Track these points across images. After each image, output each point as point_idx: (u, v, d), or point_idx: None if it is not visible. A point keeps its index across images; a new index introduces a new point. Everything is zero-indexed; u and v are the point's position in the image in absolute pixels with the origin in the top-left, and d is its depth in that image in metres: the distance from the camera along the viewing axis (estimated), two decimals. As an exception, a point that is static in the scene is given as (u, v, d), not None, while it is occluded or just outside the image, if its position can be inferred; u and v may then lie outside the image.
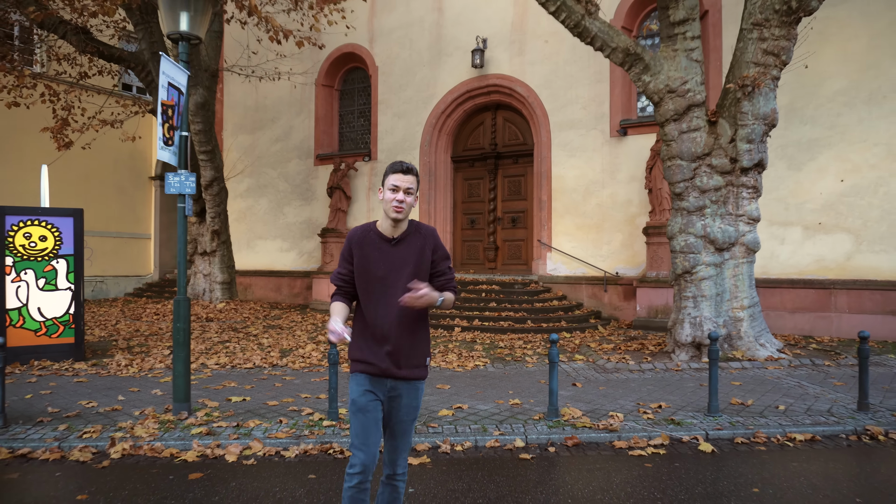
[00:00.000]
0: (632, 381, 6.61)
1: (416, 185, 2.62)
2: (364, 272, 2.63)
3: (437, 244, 2.72)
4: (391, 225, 2.63)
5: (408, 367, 2.63)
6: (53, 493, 3.68)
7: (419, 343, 2.67)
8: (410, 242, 2.66)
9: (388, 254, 2.63)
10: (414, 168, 2.65)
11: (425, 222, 10.70)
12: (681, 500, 3.57)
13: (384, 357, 2.59)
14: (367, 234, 2.67)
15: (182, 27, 5.20)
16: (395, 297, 2.56)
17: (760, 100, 7.41)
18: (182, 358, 5.22)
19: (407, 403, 2.65)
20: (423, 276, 2.64)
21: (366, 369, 2.61)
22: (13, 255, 7.31)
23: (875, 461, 4.31)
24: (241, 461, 4.26)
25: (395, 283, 2.60)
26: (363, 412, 2.58)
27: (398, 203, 2.56)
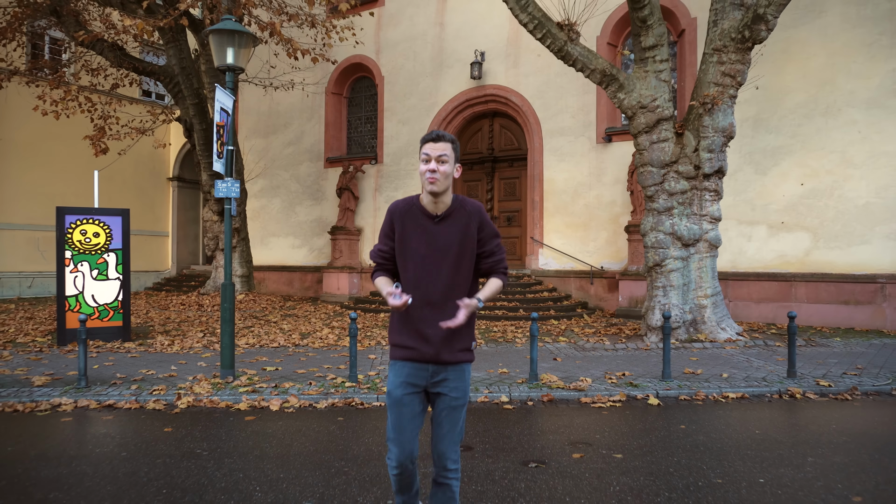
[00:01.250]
0: (605, 358, 7.73)
1: (451, 153, 2.45)
2: (405, 249, 2.49)
3: (483, 220, 2.53)
4: (431, 200, 2.47)
5: (452, 350, 2.46)
6: (145, 427, 4.81)
7: (464, 326, 2.44)
8: (455, 220, 2.48)
9: (431, 232, 2.47)
10: (446, 135, 2.46)
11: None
12: (623, 432, 4.69)
13: (427, 341, 2.44)
14: (410, 208, 2.51)
15: (228, 60, 6.33)
16: (437, 279, 2.44)
17: (719, 115, 8.52)
18: (228, 332, 6.35)
19: (455, 387, 2.47)
20: (469, 257, 2.49)
21: (407, 355, 2.47)
22: (71, 249, 8.45)
23: (783, 410, 5.43)
24: (283, 410, 5.39)
25: (437, 264, 2.45)
26: (398, 406, 2.45)
27: (431, 174, 2.40)
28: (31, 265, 16.34)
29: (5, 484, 3.56)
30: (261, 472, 3.74)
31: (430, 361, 2.45)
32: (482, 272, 2.56)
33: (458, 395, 2.48)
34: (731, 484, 3.52)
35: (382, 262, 2.56)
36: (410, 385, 2.46)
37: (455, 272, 2.47)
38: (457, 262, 2.45)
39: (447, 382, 2.46)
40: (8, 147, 15.50)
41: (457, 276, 2.47)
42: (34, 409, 5.36)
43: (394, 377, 2.49)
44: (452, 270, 2.45)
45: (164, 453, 4.10)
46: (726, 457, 4.02)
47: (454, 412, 2.47)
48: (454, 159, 2.47)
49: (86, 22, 11.31)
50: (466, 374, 2.52)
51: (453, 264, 2.45)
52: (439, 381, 2.46)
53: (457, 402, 2.47)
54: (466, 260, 2.47)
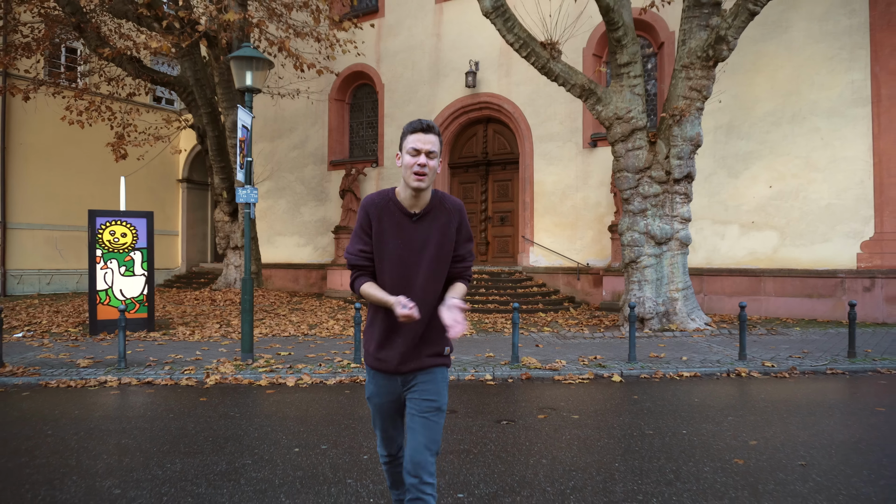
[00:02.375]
0: (582, 345, 8.63)
1: (439, 148, 2.25)
2: (379, 248, 2.29)
3: (462, 221, 2.37)
4: (412, 195, 2.27)
5: (421, 357, 2.32)
6: (182, 398, 5.71)
7: (439, 331, 2.31)
8: (434, 218, 2.30)
9: (408, 231, 2.28)
10: (435, 126, 2.27)
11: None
12: (584, 401, 5.59)
13: (396, 352, 2.30)
14: (387, 204, 2.31)
15: (248, 83, 7.23)
16: (413, 282, 2.26)
17: (687, 126, 9.41)
18: (248, 321, 7.26)
19: (425, 389, 2.31)
20: (446, 259, 2.32)
21: (376, 365, 2.35)
22: (102, 248, 9.36)
23: (726, 385, 6.32)
24: (298, 385, 6.30)
25: (413, 265, 2.27)
26: (380, 411, 2.42)
27: (419, 168, 2.19)
28: (50, 263, 17.27)
29: (84, 434, 4.47)
30: (284, 427, 4.64)
31: (398, 373, 2.32)
32: (449, 276, 2.37)
33: (431, 396, 2.30)
34: (658, 434, 4.42)
35: (366, 263, 2.31)
36: (386, 393, 2.37)
37: (432, 275, 2.29)
38: (434, 265, 2.28)
39: (417, 386, 2.32)
40: (28, 151, 16.43)
41: (433, 280, 2.30)
42: (85, 385, 6.27)
43: (370, 383, 2.41)
44: (430, 273, 2.28)
45: (204, 415, 5.01)
46: (662, 417, 4.92)
47: (430, 415, 2.28)
48: (440, 153, 2.26)
49: (107, 37, 12.20)
50: (439, 377, 2.34)
51: (431, 267, 2.27)
52: (410, 386, 2.33)
53: (431, 405, 2.29)
54: (444, 262, 2.31)
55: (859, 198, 10.94)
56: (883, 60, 10.76)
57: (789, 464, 3.75)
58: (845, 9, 11.08)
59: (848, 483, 3.42)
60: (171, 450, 4.07)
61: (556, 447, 4.14)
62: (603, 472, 3.62)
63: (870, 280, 10.78)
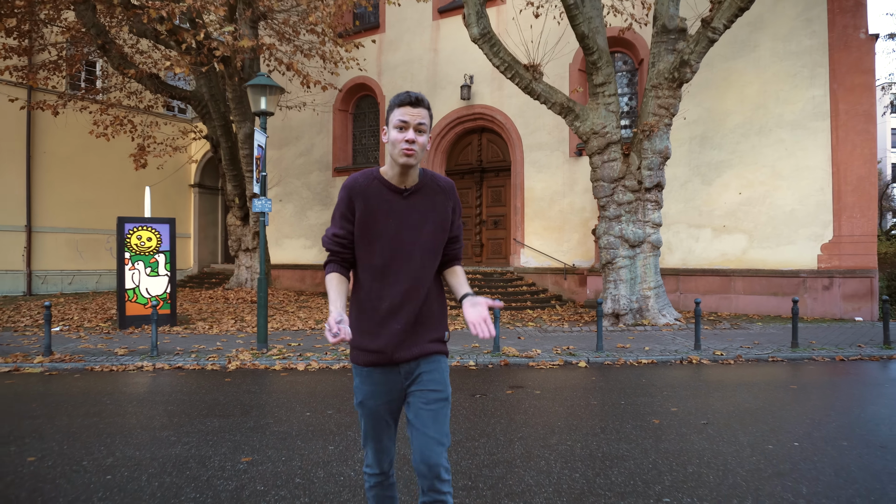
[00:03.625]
0: (560, 337, 9.65)
1: (428, 121, 2.11)
2: (368, 230, 2.12)
3: (457, 202, 2.25)
4: (399, 173, 2.13)
5: (422, 342, 2.16)
6: (210, 379, 6.75)
7: (437, 315, 2.22)
8: (427, 195, 2.17)
9: (400, 207, 2.13)
10: (425, 99, 2.12)
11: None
12: (549, 381, 6.60)
13: (394, 338, 2.12)
14: (371, 183, 2.14)
15: (262, 107, 8.28)
16: (409, 262, 2.11)
17: (657, 140, 10.41)
18: (263, 315, 8.31)
19: (430, 379, 2.15)
20: (442, 238, 2.19)
21: (371, 360, 2.14)
22: (130, 251, 10.43)
23: (674, 369, 7.32)
24: (307, 369, 7.33)
25: (410, 243, 2.12)
26: (374, 415, 2.19)
27: (408, 145, 2.05)
28: (71, 264, 18.38)
29: (136, 403, 5.51)
30: (297, 399, 5.68)
31: (401, 362, 2.13)
32: (444, 259, 2.25)
33: (437, 386, 2.15)
34: (600, 404, 5.44)
35: (339, 249, 2.16)
36: (384, 393, 2.16)
37: (429, 254, 2.15)
38: (431, 244, 2.14)
39: (422, 376, 2.15)
40: (51, 160, 17.54)
41: (430, 261, 2.16)
42: (125, 370, 7.33)
43: (361, 385, 2.17)
44: (427, 252, 2.13)
45: (230, 391, 6.05)
46: (609, 393, 5.94)
47: (437, 407, 2.13)
48: (429, 129, 2.12)
49: (130, 57, 13.27)
50: (443, 366, 2.20)
51: (428, 245, 2.13)
52: (414, 378, 2.16)
53: (437, 395, 2.13)
54: (440, 241, 2.17)
55: (819, 204, 11.92)
56: (840, 78, 11.74)
57: (695, 422, 4.77)
58: (807, 30, 12.06)
59: (732, 434, 4.42)
60: (209, 413, 5.11)
61: (514, 412, 5.16)
62: (546, 429, 4.64)
63: (829, 279, 11.76)
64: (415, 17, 16.59)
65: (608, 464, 3.80)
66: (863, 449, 4.07)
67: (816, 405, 5.36)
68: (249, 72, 13.08)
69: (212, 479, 3.53)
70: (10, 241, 16.96)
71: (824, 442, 4.22)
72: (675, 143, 12.96)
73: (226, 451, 4.07)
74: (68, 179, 17.96)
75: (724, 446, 4.15)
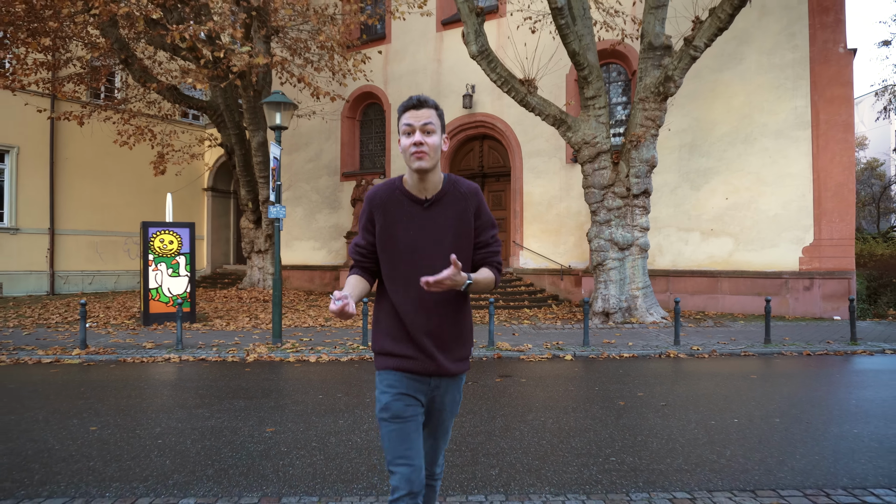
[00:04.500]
0: (552, 334, 10.37)
1: (437, 121, 2.08)
2: (390, 242, 2.12)
3: (480, 206, 2.19)
4: (418, 180, 2.10)
5: (453, 360, 2.14)
6: (232, 370, 7.53)
7: (464, 330, 2.20)
8: (448, 204, 2.13)
9: (421, 219, 2.11)
10: (430, 100, 2.09)
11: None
12: (535, 371, 7.33)
13: (424, 350, 2.10)
14: (392, 194, 2.14)
15: (277, 122, 9.06)
16: (427, 274, 2.01)
17: (644, 150, 11.12)
18: (278, 312, 9.08)
19: (451, 400, 2.21)
20: (466, 247, 2.14)
21: (402, 365, 2.10)
22: (153, 253, 11.24)
23: (651, 362, 8.02)
24: (318, 361, 8.10)
25: (430, 256, 2.09)
26: (399, 420, 2.08)
27: (416, 148, 2.03)
28: (91, 265, 19.26)
29: (170, 387, 6.30)
30: (311, 385, 6.44)
31: (433, 374, 2.12)
32: (473, 264, 2.20)
33: (454, 407, 2.24)
34: (576, 389, 6.17)
35: (360, 259, 2.22)
36: (409, 396, 2.11)
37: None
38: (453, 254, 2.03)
39: (445, 397, 2.19)
40: (72, 165, 18.43)
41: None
42: (154, 361, 8.12)
43: (387, 388, 2.11)
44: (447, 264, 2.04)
45: (251, 378, 6.82)
46: (587, 381, 6.67)
47: (447, 423, 2.25)
48: (441, 129, 2.11)
49: (151, 70, 14.10)
50: (461, 384, 2.27)
51: (448, 257, 2.07)
52: (437, 394, 2.18)
53: (451, 415, 2.25)
54: (462, 251, 2.13)
55: (801, 209, 12.59)
56: (821, 90, 12.41)
57: (655, 404, 5.49)
58: (789, 44, 12.74)
59: (684, 413, 5.13)
60: (234, 396, 5.88)
61: (500, 396, 5.90)
62: (524, 408, 5.37)
63: (809, 280, 12.43)
64: (419, 29, 17.35)
65: (572, 434, 4.54)
66: (791, 424, 4.79)
67: (767, 391, 6.07)
68: (263, 83, 13.88)
69: (244, 443, 4.30)
70: (35, 243, 17.85)
71: (760, 419, 4.94)
72: (666, 150, 13.66)
73: (253, 423, 4.84)
74: (88, 184, 18.85)
75: (673, 422, 4.88)
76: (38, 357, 8.15)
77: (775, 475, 3.64)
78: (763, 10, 12.98)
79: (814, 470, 3.73)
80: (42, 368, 7.53)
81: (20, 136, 17.31)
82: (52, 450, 4.17)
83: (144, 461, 3.93)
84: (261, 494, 3.34)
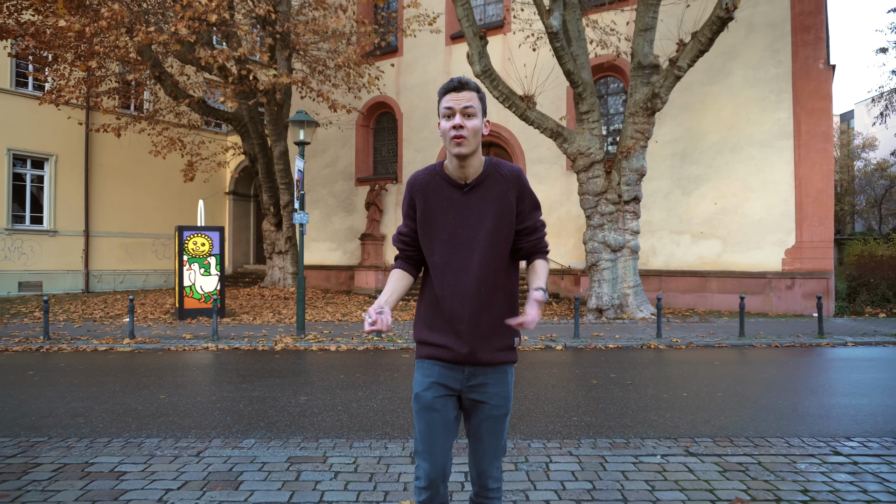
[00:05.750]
0: (549, 328, 11.40)
1: (479, 104, 2.00)
2: (429, 227, 2.08)
3: (522, 189, 2.10)
4: (458, 165, 2.02)
5: (491, 349, 2.06)
6: (263, 356, 8.64)
7: (507, 317, 2.09)
8: (488, 188, 2.04)
9: (460, 204, 2.04)
10: (471, 82, 2.01)
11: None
12: (528, 358, 8.38)
13: (459, 338, 2.03)
14: (433, 179, 2.09)
15: (301, 138, 10.19)
16: (469, 262, 2.01)
17: (634, 160, 12.12)
18: (301, 307, 10.21)
19: (495, 393, 2.07)
20: (506, 233, 2.06)
21: (435, 353, 2.07)
22: (188, 255, 12.42)
23: (634, 353, 9.04)
24: (338, 350, 9.21)
25: (469, 242, 2.02)
26: (429, 410, 2.05)
27: (456, 131, 1.95)
28: (123, 265, 20.56)
29: (214, 370, 7.43)
30: (332, 368, 7.54)
31: (466, 363, 2.05)
32: (522, 253, 2.15)
33: (500, 402, 2.10)
34: (559, 372, 7.22)
35: (403, 247, 2.19)
36: (442, 387, 2.06)
37: (490, 252, 2.04)
38: (492, 240, 2.03)
39: (486, 388, 2.08)
40: (105, 171, 19.73)
41: (492, 258, 2.05)
42: (194, 349, 9.27)
43: (422, 377, 2.10)
44: (487, 250, 2.02)
45: (281, 362, 7.94)
46: (570, 365, 7.71)
47: (496, 423, 2.10)
48: (482, 112, 2.03)
49: (182, 85, 15.33)
50: (510, 378, 2.14)
51: (488, 243, 2.02)
52: (476, 385, 2.07)
53: (499, 412, 2.09)
54: (503, 237, 2.05)
55: (784, 213, 13.52)
56: (802, 102, 13.33)
57: (622, 383, 6.53)
58: (773, 60, 13.67)
59: (644, 389, 6.16)
60: (270, 375, 7.00)
61: (495, 377, 6.96)
62: (520, 394, 6.43)
63: (791, 280, 13.36)
64: (430, 43, 18.44)
65: (546, 402, 5.60)
66: (729, 397, 5.81)
67: (722, 373, 7.09)
68: (284, 97, 15.05)
69: (284, 407, 5.41)
70: (71, 244, 19.16)
71: (706, 394, 5.97)
72: (659, 158, 14.64)
73: (289, 394, 5.95)
74: (119, 189, 20.14)
75: (632, 395, 5.92)
76: (93, 346, 9.34)
77: (699, 430, 4.68)
78: (749, 28, 13.92)
79: (731, 426, 4.76)
80: (100, 355, 8.71)
81: (58, 145, 18.62)
82: (136, 409, 5.31)
83: (210, 417, 5.05)
84: (302, 437, 4.43)
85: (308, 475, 3.58)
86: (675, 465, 3.79)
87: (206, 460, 3.87)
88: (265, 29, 12.60)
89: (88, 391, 6.11)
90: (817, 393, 6.02)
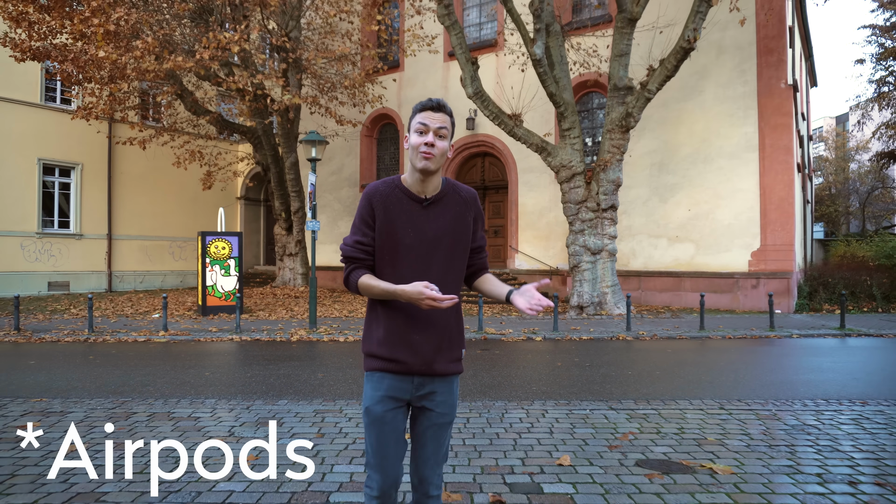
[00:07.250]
0: (533, 322, 12.76)
1: (450, 128, 2.08)
2: (389, 240, 2.09)
3: (479, 212, 2.22)
4: (419, 179, 2.09)
5: (444, 361, 2.13)
6: (280, 346, 10.03)
7: (456, 330, 2.18)
8: (448, 204, 2.14)
9: (420, 218, 2.10)
10: (447, 106, 2.09)
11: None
12: (510, 347, 9.74)
13: (414, 350, 2.09)
14: (392, 191, 2.12)
15: (313, 155, 11.58)
16: (427, 273, 2.05)
17: (611, 172, 13.47)
18: (313, 304, 11.61)
19: (442, 401, 2.16)
20: (464, 249, 2.16)
21: (386, 367, 2.12)
22: (210, 257, 13.83)
23: (603, 343, 10.37)
24: (346, 341, 10.59)
25: (427, 257, 2.08)
26: (380, 424, 2.11)
27: (427, 148, 2.01)
28: (142, 266, 22.01)
29: (242, 356, 8.82)
30: (342, 354, 8.92)
31: (415, 373, 2.11)
32: (473, 269, 2.26)
33: (446, 410, 2.17)
34: (534, 358, 8.58)
35: (363, 256, 2.13)
36: (392, 399, 2.12)
37: (448, 267, 2.12)
38: (450, 255, 2.11)
39: (434, 396, 2.15)
40: (126, 178, 21.19)
41: (450, 272, 2.13)
42: (220, 340, 10.67)
43: (372, 391, 2.13)
44: (445, 265, 2.10)
45: (298, 350, 9.32)
46: (545, 353, 9.07)
47: (440, 430, 2.17)
48: (451, 136, 2.09)
49: (201, 102, 16.77)
50: (455, 387, 2.20)
51: (446, 257, 2.10)
52: (425, 394, 2.14)
53: (444, 419, 2.17)
54: (460, 252, 2.14)
55: (750, 219, 14.85)
56: (766, 118, 14.66)
57: (582, 364, 7.89)
58: (741, 79, 15.01)
59: (598, 369, 7.50)
60: (289, 359, 8.39)
61: (476, 360, 8.32)
62: (489, 364, 7.80)
63: (756, 280, 14.69)
64: (429, 60, 19.81)
65: (514, 377, 6.96)
66: (664, 375, 7.16)
67: (669, 359, 8.44)
68: (296, 113, 16.46)
69: (306, 380, 6.79)
70: (96, 247, 20.62)
71: (646, 372, 7.32)
72: (638, 168, 15.98)
73: (308, 372, 7.33)
74: (140, 195, 21.60)
75: (588, 373, 7.28)
76: (133, 337, 10.75)
77: (627, 395, 6.03)
78: (720, 50, 15.26)
79: (654, 393, 6.11)
80: (141, 345, 10.11)
81: (83, 154, 20.08)
82: (189, 382, 6.70)
83: (250, 386, 6.44)
84: (323, 399, 5.82)
85: (330, 418, 4.96)
86: (596, 415, 5.15)
87: (255, 411, 5.26)
88: (279, 54, 13.99)
89: (145, 370, 7.51)
90: (737, 371, 7.37)
